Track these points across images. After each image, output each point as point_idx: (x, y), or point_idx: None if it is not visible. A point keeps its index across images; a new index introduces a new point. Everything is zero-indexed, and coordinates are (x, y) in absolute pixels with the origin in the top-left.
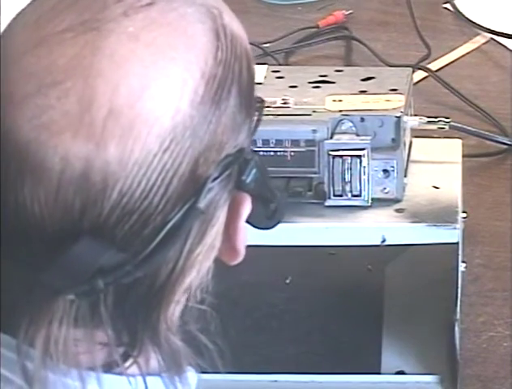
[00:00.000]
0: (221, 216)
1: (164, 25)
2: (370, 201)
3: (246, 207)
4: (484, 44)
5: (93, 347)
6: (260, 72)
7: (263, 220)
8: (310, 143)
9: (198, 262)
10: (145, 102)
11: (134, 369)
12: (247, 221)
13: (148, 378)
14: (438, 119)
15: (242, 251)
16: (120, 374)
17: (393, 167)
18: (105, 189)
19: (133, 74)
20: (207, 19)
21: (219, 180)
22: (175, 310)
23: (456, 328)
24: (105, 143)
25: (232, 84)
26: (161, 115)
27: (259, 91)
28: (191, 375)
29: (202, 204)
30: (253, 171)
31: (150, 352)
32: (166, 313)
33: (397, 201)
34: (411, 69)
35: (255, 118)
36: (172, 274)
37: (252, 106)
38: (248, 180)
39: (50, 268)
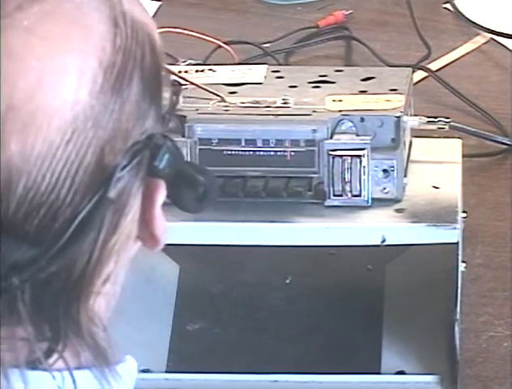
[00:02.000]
0: (135, 204)
1: (59, 17)
2: (370, 201)
3: (161, 194)
4: (484, 44)
5: (15, 344)
6: (260, 72)
7: (193, 203)
8: (310, 142)
9: (115, 252)
10: (43, 95)
11: (62, 364)
12: (177, 206)
13: (77, 372)
14: (438, 119)
15: (162, 238)
16: (45, 369)
17: (393, 167)
18: (10, 185)
19: (29, 68)
20: (105, 7)
21: (128, 168)
22: (96, 302)
23: (456, 328)
24: (6, 139)
25: (133, 71)
26: (60, 107)
27: (259, 91)
28: (126, 367)
29: (112, 194)
30: (166, 156)
31: (78, 346)
32: (86, 305)
33: (397, 201)
34: (411, 69)
35: (170, 102)
36: (88, 265)
37: (159, 92)
38: (161, 166)
39: None
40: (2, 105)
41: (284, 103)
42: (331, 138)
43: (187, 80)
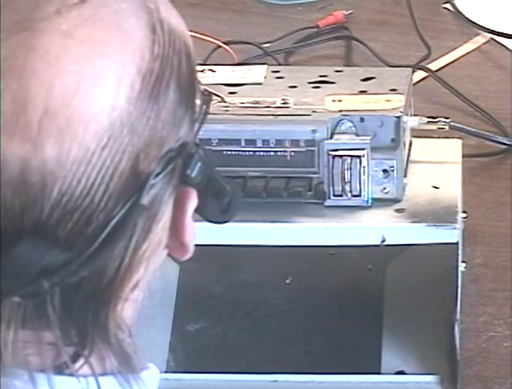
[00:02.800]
0: (166, 212)
1: (98, 21)
2: (370, 201)
3: (192, 202)
4: (484, 44)
5: (42, 348)
6: (260, 72)
7: (218, 214)
8: (310, 143)
9: (146, 259)
10: (80, 100)
11: (87, 370)
12: (202, 216)
13: (102, 378)
14: (438, 119)
15: (191, 246)
16: (71, 374)
17: (393, 167)
18: (44, 188)
19: (66, 72)
20: (143, 14)
21: (161, 175)
22: (124, 308)
23: (456, 328)
24: (42, 142)
25: (170, 78)
26: (97, 112)
27: (259, 92)
28: (150, 374)
29: (145, 200)
30: (199, 165)
31: (104, 352)
32: (115, 311)
33: (397, 201)
34: (411, 69)
35: (201, 111)
36: (119, 271)
37: (193, 100)
38: (193, 174)
39: None
40: (38, 109)
41: (284, 103)
42: (331, 138)
43: None
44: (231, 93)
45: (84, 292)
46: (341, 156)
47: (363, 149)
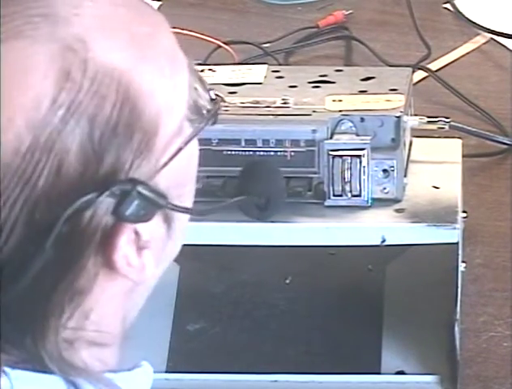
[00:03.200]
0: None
1: (4, 66)
2: (370, 201)
3: (123, 237)
4: (484, 44)
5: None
6: (260, 72)
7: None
8: (310, 143)
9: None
10: None
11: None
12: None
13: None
14: (438, 119)
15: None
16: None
17: (393, 167)
18: None
19: None
20: (59, 59)
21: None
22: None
23: (456, 328)
24: None
25: (76, 127)
26: None
27: (259, 91)
28: (142, 372)
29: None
30: (135, 202)
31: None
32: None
33: (397, 201)
34: (411, 69)
35: (207, 115)
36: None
37: (127, 137)
38: (127, 212)
39: None
40: None
41: (284, 103)
42: (331, 138)
43: None
44: (231, 93)
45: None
46: (341, 156)
47: (363, 149)
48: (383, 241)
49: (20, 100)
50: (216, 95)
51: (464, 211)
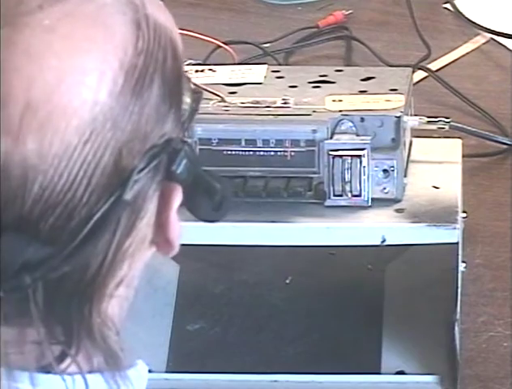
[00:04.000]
0: (151, 208)
1: (81, 17)
2: (370, 201)
3: (177, 198)
4: (484, 44)
5: (25, 347)
6: (260, 72)
7: (210, 212)
8: (310, 143)
9: (130, 255)
10: (61, 95)
11: (74, 368)
12: (194, 214)
13: (89, 376)
14: (438, 119)
15: (176, 243)
16: (56, 372)
17: (393, 167)
18: (25, 183)
19: (48, 67)
20: (128, 10)
21: (145, 171)
22: (109, 305)
23: (456, 328)
24: (23, 137)
25: (154, 74)
26: (79, 107)
27: (259, 91)
28: (137, 371)
29: (128, 196)
30: (184, 161)
31: (90, 350)
32: (99, 307)
33: (397, 201)
34: (411, 69)
35: (188, 108)
36: (102, 267)
37: (179, 96)
38: (178, 170)
39: None
40: (19, 104)
41: (284, 103)
42: (331, 138)
43: None
44: (231, 93)
45: (67, 288)
46: (341, 156)
47: (363, 149)
48: (383, 241)
49: (110, 45)
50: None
51: (464, 211)
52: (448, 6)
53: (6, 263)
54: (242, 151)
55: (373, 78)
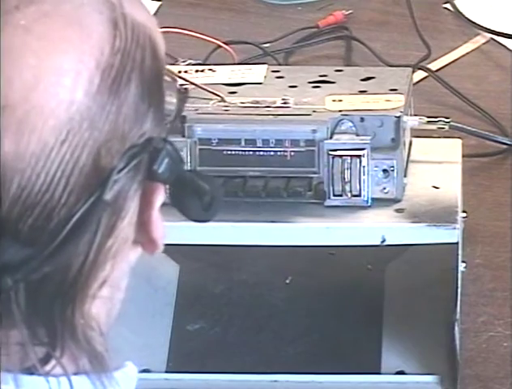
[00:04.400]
0: (132, 208)
1: (57, 17)
2: (370, 201)
3: (159, 197)
4: (484, 44)
5: (9, 348)
6: (260, 72)
7: (200, 212)
8: (310, 142)
9: (112, 256)
10: (39, 95)
11: (59, 369)
12: (184, 215)
13: (74, 378)
14: (438, 119)
15: (160, 242)
16: (40, 374)
17: (393, 167)
18: (3, 183)
19: (26, 67)
20: (105, 9)
21: (125, 171)
22: (93, 306)
23: (456, 328)
24: (1, 137)
25: (131, 73)
26: (56, 107)
27: (259, 91)
28: (126, 372)
29: (108, 196)
30: (166, 160)
31: (75, 351)
32: (82, 308)
33: (397, 201)
34: (411, 69)
35: (175, 108)
36: (84, 268)
37: (159, 95)
38: (160, 170)
39: None
40: None
41: (284, 103)
42: (331, 138)
43: (187, 80)
44: (231, 93)
45: (49, 289)
46: (341, 156)
47: (363, 149)
48: (383, 241)
49: (86, 45)
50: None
51: (464, 211)
52: (448, 6)
53: None
54: (242, 151)
55: (372, 78)
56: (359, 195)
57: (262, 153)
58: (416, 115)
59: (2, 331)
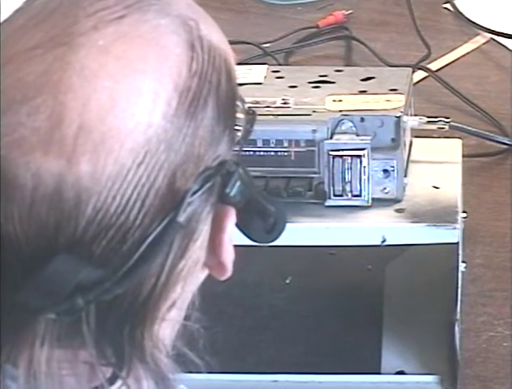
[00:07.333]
0: (204, 230)
1: (135, 38)
2: (370, 201)
3: (231, 221)
4: (484, 44)
5: (77, 368)
6: (260, 72)
7: (263, 234)
8: (310, 143)
9: (183, 278)
10: (116, 116)
11: None
12: (247, 236)
13: None
14: (438, 119)
15: (229, 266)
16: None
17: (393, 167)
18: (79, 204)
19: (102, 88)
20: (182, 31)
21: (199, 193)
22: (161, 328)
23: (456, 328)
24: (77, 158)
25: (208, 96)
26: (133, 129)
27: (259, 91)
28: None
29: (182, 218)
30: (238, 184)
31: (140, 372)
32: (151, 330)
33: (397, 201)
34: (411, 69)
35: (243, 129)
36: (155, 290)
37: (233, 118)
38: (232, 193)
39: (27, 287)
40: (73, 125)
41: (284, 103)
42: (331, 138)
43: None
44: None
45: (119, 311)
46: (341, 156)
47: (363, 149)
48: (383, 241)
49: (164, 67)
50: None
51: (464, 211)
52: (448, 6)
53: (59, 286)
54: (242, 151)
55: (372, 78)
56: (359, 195)
57: (262, 153)
58: (416, 115)
59: (70, 351)
